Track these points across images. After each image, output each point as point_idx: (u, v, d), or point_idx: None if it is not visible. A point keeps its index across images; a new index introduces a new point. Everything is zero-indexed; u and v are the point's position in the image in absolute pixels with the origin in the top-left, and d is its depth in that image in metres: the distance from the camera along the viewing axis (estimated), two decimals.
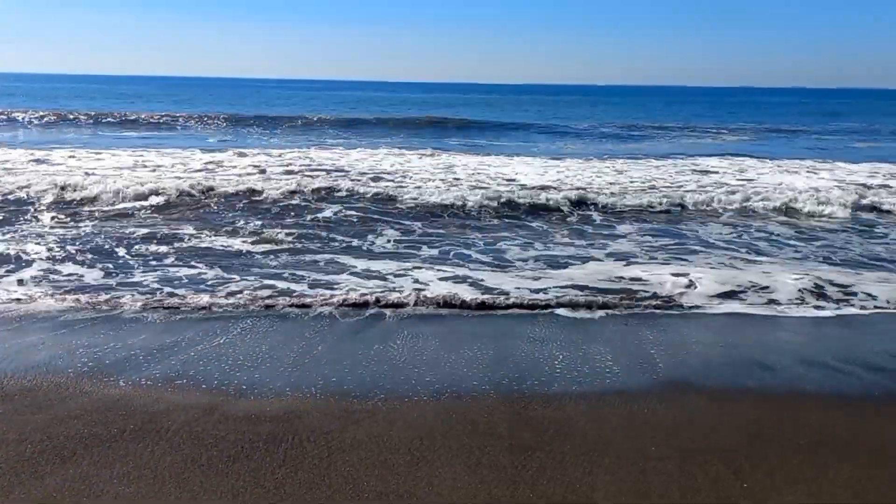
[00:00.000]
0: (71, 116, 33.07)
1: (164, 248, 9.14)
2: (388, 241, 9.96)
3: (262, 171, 15.71)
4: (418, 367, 5.46)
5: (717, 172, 17.59)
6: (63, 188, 12.29)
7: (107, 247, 9.19)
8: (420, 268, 8.49)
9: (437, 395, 4.95)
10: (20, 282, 7.58)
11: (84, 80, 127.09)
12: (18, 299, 6.94)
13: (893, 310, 7.13)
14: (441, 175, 15.67)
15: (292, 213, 11.53)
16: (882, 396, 5.11)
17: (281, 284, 7.67)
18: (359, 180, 14.35)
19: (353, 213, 11.62)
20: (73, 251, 8.89)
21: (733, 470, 3.98)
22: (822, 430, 4.52)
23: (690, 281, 7.81)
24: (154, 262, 8.53)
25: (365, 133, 28.41)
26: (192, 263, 8.49)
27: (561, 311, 6.89)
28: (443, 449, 4.16)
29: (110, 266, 8.28)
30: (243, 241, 9.61)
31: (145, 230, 10.17)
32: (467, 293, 7.33)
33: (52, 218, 10.92)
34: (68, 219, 10.92)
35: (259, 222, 10.80)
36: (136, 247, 9.19)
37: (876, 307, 7.20)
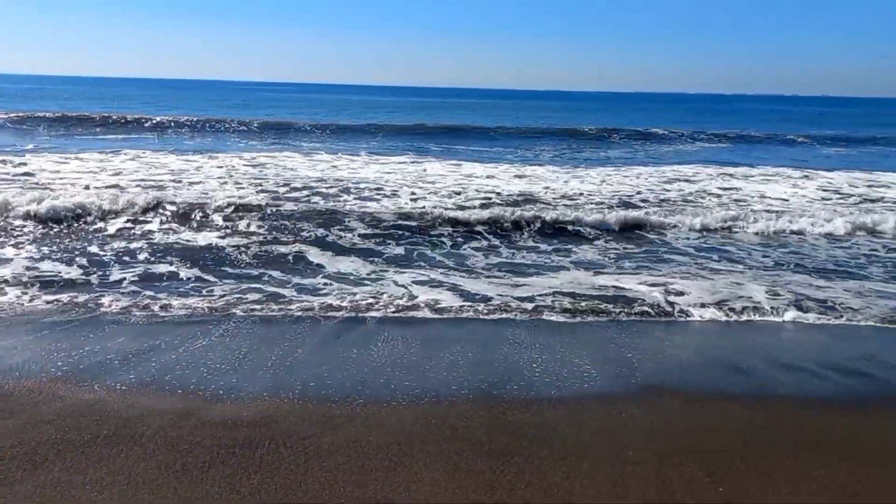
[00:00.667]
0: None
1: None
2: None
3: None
4: (398, 371, 5.44)
5: (692, 181, 17.59)
6: None
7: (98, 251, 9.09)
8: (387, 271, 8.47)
9: (417, 399, 4.93)
10: None
11: (54, 82, 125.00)
12: None
13: (863, 318, 7.22)
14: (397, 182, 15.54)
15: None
16: (856, 400, 5.17)
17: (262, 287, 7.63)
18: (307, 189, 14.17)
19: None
20: (49, 252, 8.78)
21: (709, 473, 4.00)
22: (799, 434, 4.55)
23: (666, 289, 7.85)
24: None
25: (347, 138, 28.24)
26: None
27: (542, 317, 6.90)
28: (421, 454, 4.14)
29: (87, 264, 8.19)
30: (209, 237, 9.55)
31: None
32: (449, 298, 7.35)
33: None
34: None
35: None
36: None
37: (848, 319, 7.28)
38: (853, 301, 7.64)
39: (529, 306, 7.18)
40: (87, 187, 12.99)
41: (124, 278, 7.90)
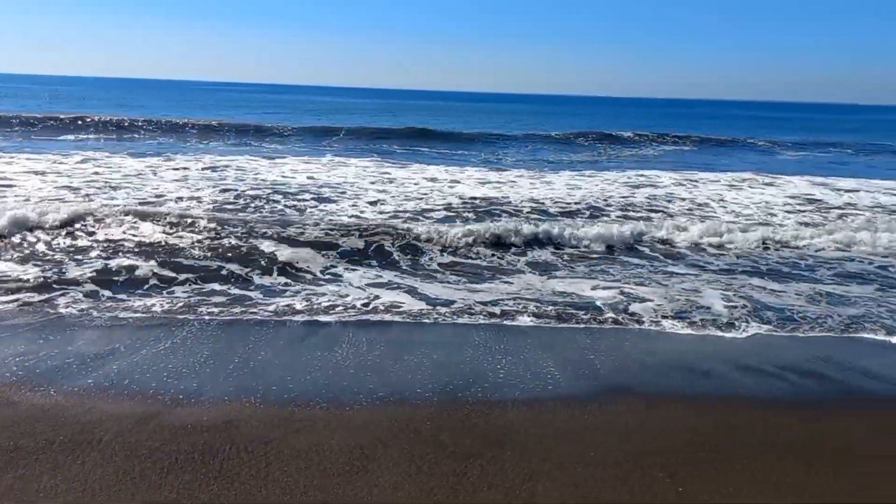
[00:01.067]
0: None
1: None
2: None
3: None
4: (362, 374, 5.42)
5: (656, 186, 17.70)
6: None
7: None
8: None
9: (381, 402, 4.92)
10: None
11: (27, 81, 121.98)
12: None
13: (820, 325, 7.37)
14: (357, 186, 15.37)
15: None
16: (812, 401, 5.28)
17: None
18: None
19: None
20: None
21: (670, 474, 4.05)
22: (757, 434, 4.63)
23: (624, 296, 7.92)
24: None
25: (312, 140, 27.94)
26: None
27: (506, 322, 6.92)
28: (384, 457, 4.13)
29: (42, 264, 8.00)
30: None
31: None
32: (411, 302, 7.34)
33: None
34: None
35: None
36: None
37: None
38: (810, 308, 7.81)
39: (494, 310, 7.20)
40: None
41: (80, 280, 7.74)
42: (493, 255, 9.76)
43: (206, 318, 6.62)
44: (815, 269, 9.68)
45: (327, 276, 8.36)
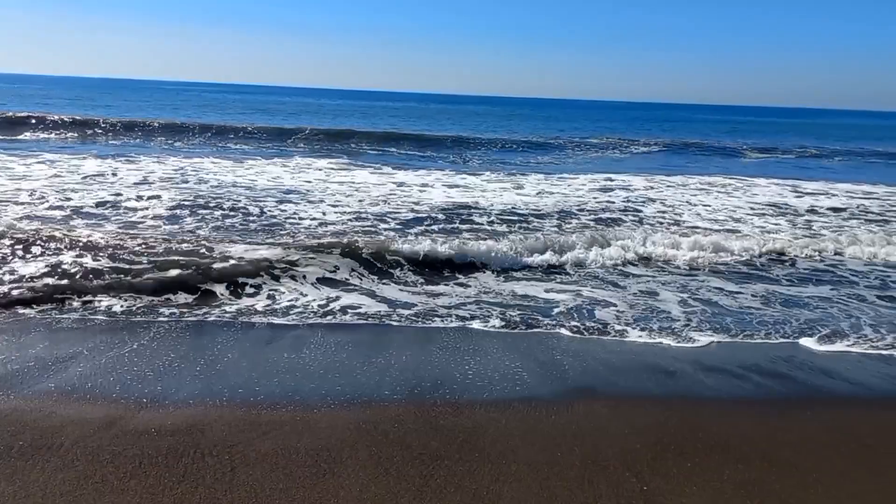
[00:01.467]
0: None
1: None
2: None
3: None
4: (329, 376, 5.40)
5: (628, 190, 17.80)
6: None
7: None
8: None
9: (348, 405, 4.90)
10: None
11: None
12: None
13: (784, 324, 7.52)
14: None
15: None
16: (777, 401, 5.37)
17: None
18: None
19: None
20: None
21: (635, 474, 4.10)
22: (720, 434, 4.70)
23: (583, 297, 7.99)
24: None
25: (279, 142, 27.62)
26: None
27: (473, 325, 6.94)
28: (350, 460, 4.12)
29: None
30: None
31: None
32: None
33: None
34: None
35: None
36: None
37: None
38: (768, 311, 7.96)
39: (458, 313, 7.23)
40: None
41: (38, 280, 7.57)
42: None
43: (168, 322, 6.54)
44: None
45: (285, 280, 8.21)
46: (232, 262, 8.33)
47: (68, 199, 12.28)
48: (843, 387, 5.75)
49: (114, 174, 15.99)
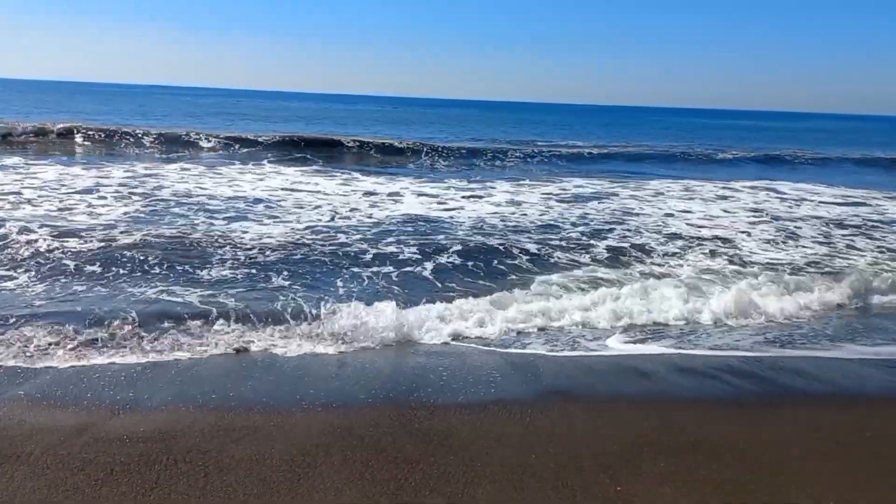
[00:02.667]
0: None
1: None
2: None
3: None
4: (304, 381, 5.38)
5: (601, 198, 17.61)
6: None
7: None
8: None
9: (323, 409, 4.89)
10: None
11: None
12: None
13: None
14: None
15: None
16: (751, 402, 5.45)
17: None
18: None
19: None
20: None
21: (609, 475, 4.13)
22: (695, 434, 4.76)
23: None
24: None
25: (248, 149, 26.12)
26: None
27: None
28: (325, 465, 4.11)
29: None
30: None
31: None
32: None
33: None
34: None
35: None
36: None
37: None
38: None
39: None
40: None
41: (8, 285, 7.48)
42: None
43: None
44: None
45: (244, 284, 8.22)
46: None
47: None
48: (816, 386, 5.85)
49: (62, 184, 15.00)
